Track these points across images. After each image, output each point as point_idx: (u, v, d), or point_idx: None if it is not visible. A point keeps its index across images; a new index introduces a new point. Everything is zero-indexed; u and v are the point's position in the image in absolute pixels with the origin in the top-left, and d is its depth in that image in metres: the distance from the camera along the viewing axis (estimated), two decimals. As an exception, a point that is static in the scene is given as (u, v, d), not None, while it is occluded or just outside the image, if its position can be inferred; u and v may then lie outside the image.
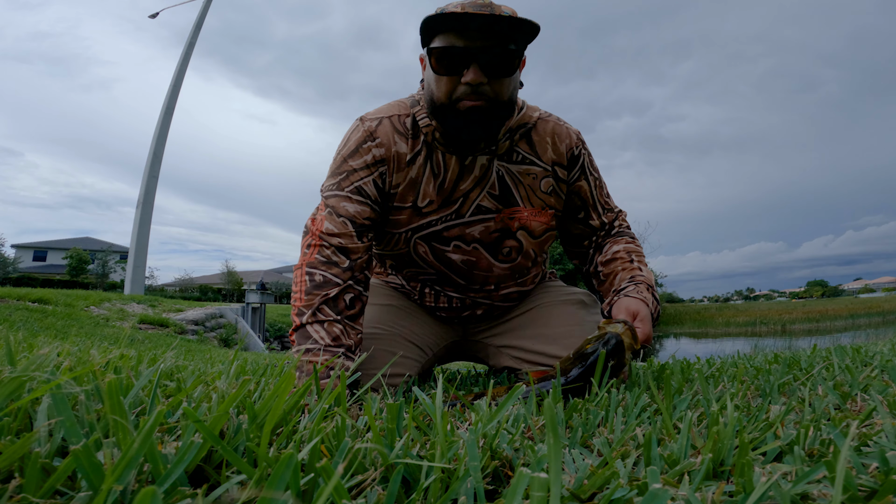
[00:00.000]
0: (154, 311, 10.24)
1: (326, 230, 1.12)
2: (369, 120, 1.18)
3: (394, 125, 1.17)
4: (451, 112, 1.06)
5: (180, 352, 2.31)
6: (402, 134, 1.17)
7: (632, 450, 0.54)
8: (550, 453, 0.36)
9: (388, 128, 1.17)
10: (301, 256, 1.15)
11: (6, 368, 0.60)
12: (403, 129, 1.17)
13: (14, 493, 0.36)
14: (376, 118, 1.18)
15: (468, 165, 1.17)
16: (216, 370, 1.17)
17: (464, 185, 1.18)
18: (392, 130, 1.17)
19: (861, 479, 0.43)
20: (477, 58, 1.01)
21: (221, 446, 0.42)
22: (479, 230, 1.21)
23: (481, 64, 1.01)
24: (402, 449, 0.48)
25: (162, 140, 17.66)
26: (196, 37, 19.37)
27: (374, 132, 1.16)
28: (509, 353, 1.36)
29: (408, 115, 1.18)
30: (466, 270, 1.26)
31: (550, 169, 1.23)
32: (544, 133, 1.22)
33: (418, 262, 1.27)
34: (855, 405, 0.77)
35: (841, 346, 1.72)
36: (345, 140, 1.20)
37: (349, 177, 1.15)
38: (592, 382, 0.86)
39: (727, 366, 1.37)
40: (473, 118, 1.05)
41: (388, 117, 1.18)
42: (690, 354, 1.82)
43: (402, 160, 1.16)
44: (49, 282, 24.74)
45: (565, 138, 1.23)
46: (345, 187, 1.15)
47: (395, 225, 1.21)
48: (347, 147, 1.17)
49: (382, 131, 1.16)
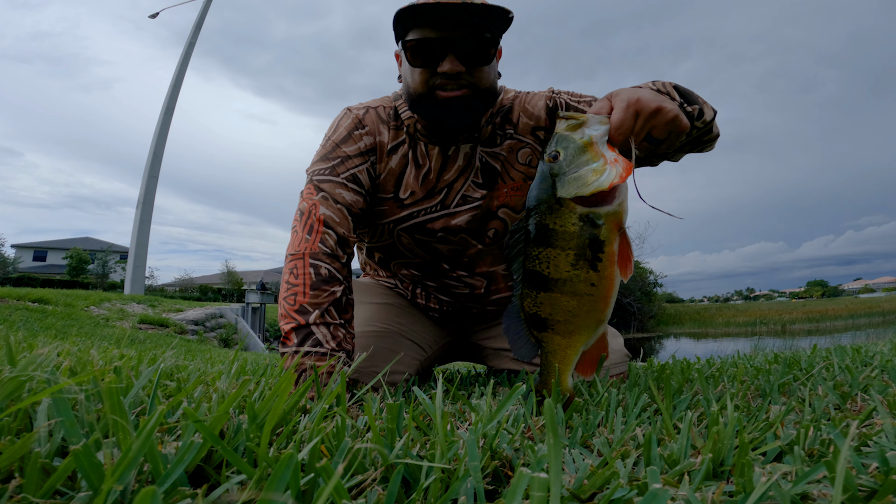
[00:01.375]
0: (154, 311, 10.25)
1: (328, 217, 1.08)
2: (356, 109, 1.19)
3: (379, 115, 1.18)
4: (430, 101, 1.06)
5: (180, 352, 2.31)
6: (385, 123, 1.18)
7: (632, 450, 0.54)
8: (550, 453, 0.36)
9: (374, 117, 1.18)
10: (299, 241, 1.07)
11: (6, 368, 0.60)
12: (388, 118, 1.18)
13: (14, 493, 0.36)
14: (363, 107, 1.19)
15: (451, 155, 1.17)
16: (216, 370, 1.17)
17: (447, 175, 1.18)
18: (378, 120, 1.18)
19: (861, 479, 0.43)
20: (453, 48, 1.02)
21: (221, 446, 0.42)
22: (465, 219, 1.20)
23: (457, 54, 1.02)
24: (402, 449, 0.48)
25: (162, 140, 17.66)
26: (196, 37, 19.37)
27: (363, 120, 1.17)
28: (509, 354, 1.36)
29: (390, 106, 1.20)
30: (453, 259, 1.25)
31: (531, 136, 1.20)
32: (518, 108, 1.21)
33: (404, 253, 1.26)
34: (855, 405, 0.77)
35: (841, 346, 1.72)
36: (334, 126, 1.19)
37: (344, 163, 1.13)
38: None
39: (727, 366, 1.37)
40: (454, 107, 1.05)
41: (373, 108, 1.19)
42: (690, 354, 1.82)
43: (383, 150, 1.17)
44: (49, 282, 24.74)
45: (538, 100, 1.21)
46: (340, 173, 1.12)
47: (379, 216, 1.21)
48: (338, 133, 1.16)
49: (370, 119, 1.17)
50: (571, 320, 0.83)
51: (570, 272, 0.81)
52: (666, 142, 0.87)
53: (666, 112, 0.83)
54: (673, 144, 0.89)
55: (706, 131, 1.02)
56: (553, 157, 0.82)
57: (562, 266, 0.82)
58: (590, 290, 0.81)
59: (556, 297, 0.83)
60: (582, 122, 0.82)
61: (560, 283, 0.82)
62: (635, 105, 0.81)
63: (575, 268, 0.81)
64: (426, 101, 1.07)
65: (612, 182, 0.76)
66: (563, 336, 0.85)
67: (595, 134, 0.81)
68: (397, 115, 1.18)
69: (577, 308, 0.82)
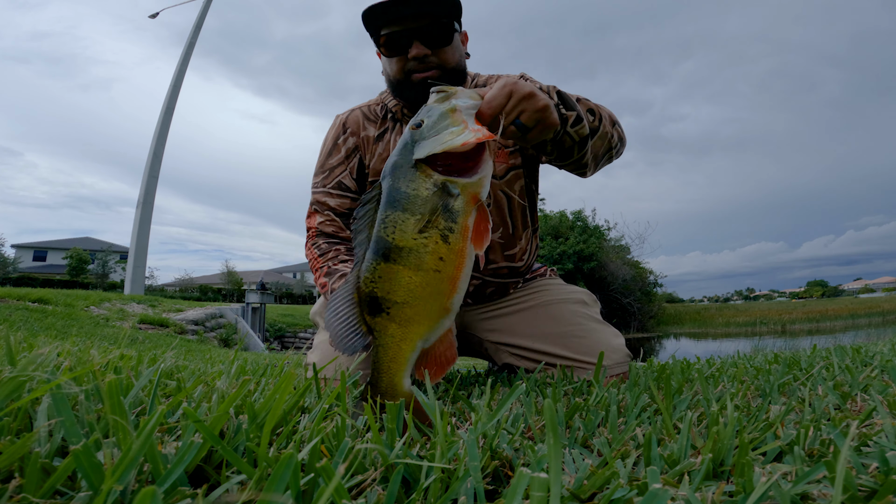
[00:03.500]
0: (154, 311, 10.25)
1: (317, 224, 1.35)
2: (343, 114, 1.40)
3: (364, 113, 1.37)
4: (407, 85, 1.23)
5: (180, 352, 2.31)
6: (371, 120, 1.36)
7: (632, 450, 0.54)
8: (550, 453, 0.36)
9: (358, 116, 1.37)
10: (307, 255, 1.36)
11: (6, 368, 0.60)
12: (373, 115, 1.36)
13: (14, 493, 0.36)
14: (348, 111, 1.40)
15: None
16: (216, 370, 1.17)
17: None
18: (361, 118, 1.37)
19: (861, 479, 0.43)
20: (416, 35, 1.19)
21: (221, 446, 0.42)
22: None
23: (422, 39, 1.19)
24: (402, 449, 0.48)
25: (162, 140, 17.66)
26: (196, 37, 19.37)
27: (346, 122, 1.37)
28: (509, 350, 1.36)
29: (378, 102, 1.38)
30: None
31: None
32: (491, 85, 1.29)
33: None
34: (855, 405, 0.77)
35: (841, 346, 1.72)
36: (325, 138, 1.41)
37: (330, 174, 1.36)
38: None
39: (727, 366, 1.37)
40: (427, 85, 1.14)
41: (358, 108, 1.39)
42: (690, 354, 1.82)
43: (369, 142, 1.35)
44: (49, 282, 24.75)
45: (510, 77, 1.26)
46: (327, 184, 1.36)
47: None
48: (326, 146, 1.39)
49: (352, 120, 1.37)
50: (411, 303, 0.74)
51: (418, 240, 0.74)
52: (534, 130, 0.91)
53: (537, 100, 0.88)
54: (540, 137, 0.93)
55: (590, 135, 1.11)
56: (416, 126, 0.78)
57: (409, 232, 0.74)
58: (437, 265, 0.74)
59: (397, 269, 0.74)
60: (452, 93, 0.82)
61: (405, 251, 0.74)
62: (511, 87, 0.86)
63: (423, 236, 0.74)
64: (403, 85, 1.24)
65: (464, 141, 0.73)
66: (399, 324, 0.75)
67: (462, 104, 0.80)
68: (384, 108, 1.36)
69: (419, 287, 0.74)
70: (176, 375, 0.99)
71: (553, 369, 1.23)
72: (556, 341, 1.28)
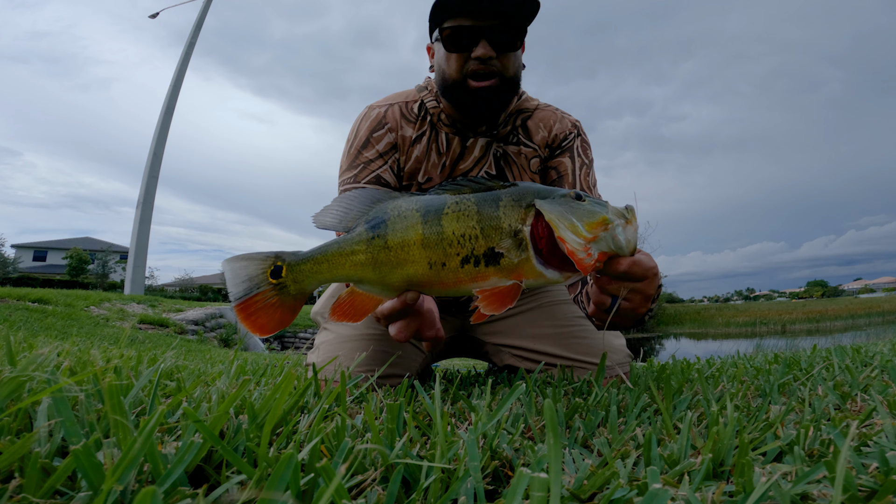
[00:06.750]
0: (154, 311, 10.25)
1: None
2: (378, 107, 1.26)
3: (402, 111, 1.25)
4: (462, 90, 1.13)
5: (180, 352, 2.31)
6: (408, 120, 1.25)
7: (632, 450, 0.54)
8: (550, 453, 0.36)
9: (397, 113, 1.25)
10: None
11: (6, 368, 0.60)
12: (410, 114, 1.26)
13: (14, 493, 0.36)
14: (385, 104, 1.26)
15: (469, 147, 1.25)
16: (216, 370, 1.17)
17: (463, 164, 1.26)
18: (400, 116, 1.25)
19: (861, 479, 0.43)
20: (485, 34, 1.09)
21: (221, 446, 0.42)
22: None
23: (489, 40, 1.09)
24: (402, 449, 0.48)
25: (162, 140, 17.66)
26: (196, 37, 19.37)
27: (384, 118, 1.24)
28: (510, 351, 1.36)
29: (415, 100, 1.27)
30: None
31: (540, 151, 1.29)
32: (539, 119, 1.29)
33: None
34: (855, 405, 0.77)
35: (841, 346, 1.72)
36: (355, 130, 1.26)
37: (366, 167, 1.22)
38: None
39: (727, 366, 1.37)
40: (483, 95, 1.13)
41: (396, 104, 1.26)
42: (690, 354, 1.82)
43: (406, 142, 1.25)
44: (49, 282, 24.74)
45: (563, 123, 1.29)
46: (362, 179, 1.21)
47: None
48: (359, 139, 1.24)
49: (392, 116, 1.24)
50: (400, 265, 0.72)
51: (457, 236, 0.70)
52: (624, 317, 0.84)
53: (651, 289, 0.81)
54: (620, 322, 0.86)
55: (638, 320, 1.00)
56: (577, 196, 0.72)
57: (462, 226, 0.71)
58: (444, 260, 0.71)
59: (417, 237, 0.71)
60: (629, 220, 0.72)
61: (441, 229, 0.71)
62: (656, 271, 0.81)
63: (462, 238, 0.70)
64: (458, 88, 1.14)
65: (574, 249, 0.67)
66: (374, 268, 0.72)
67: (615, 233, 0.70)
68: (422, 105, 1.26)
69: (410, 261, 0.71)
70: (176, 375, 0.99)
71: (554, 369, 1.23)
72: (557, 342, 1.28)
